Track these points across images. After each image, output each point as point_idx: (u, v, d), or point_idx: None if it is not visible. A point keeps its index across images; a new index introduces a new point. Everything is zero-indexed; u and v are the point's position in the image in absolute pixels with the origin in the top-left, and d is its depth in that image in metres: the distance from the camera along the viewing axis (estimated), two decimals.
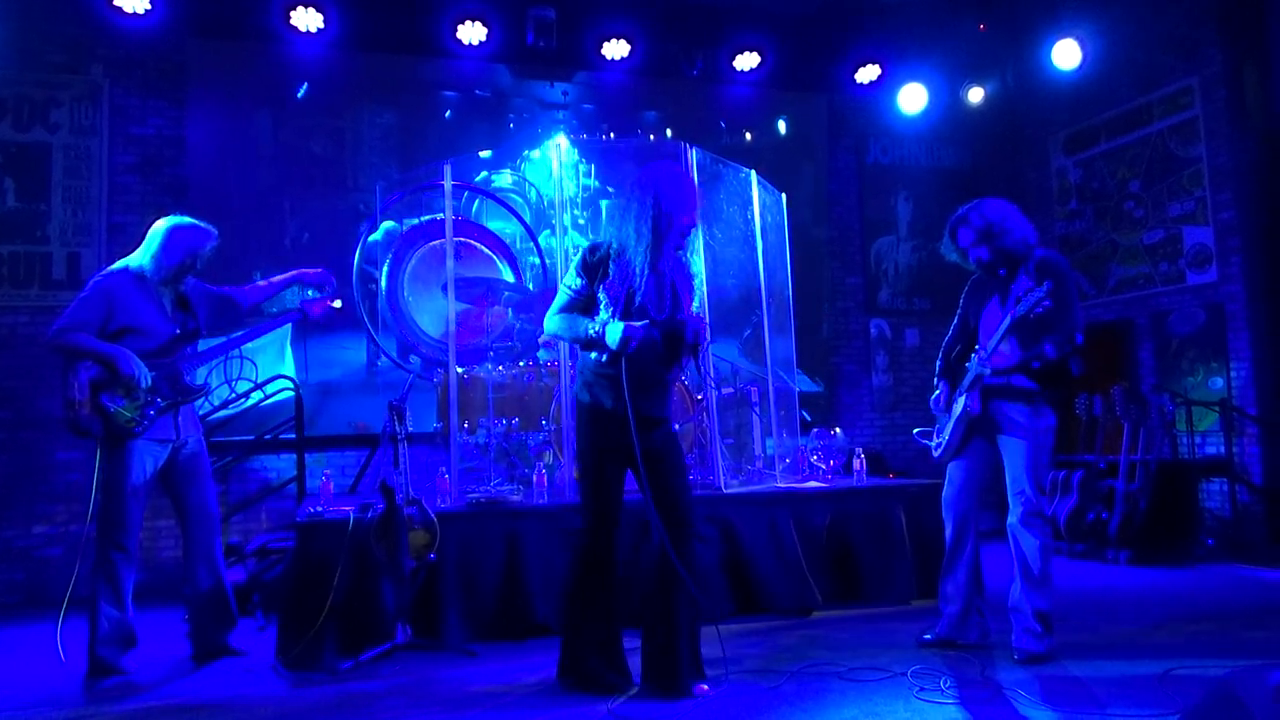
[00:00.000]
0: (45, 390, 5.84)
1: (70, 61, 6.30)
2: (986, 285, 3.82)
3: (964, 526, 3.80)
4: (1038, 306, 3.42)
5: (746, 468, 5.56)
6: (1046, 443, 3.64)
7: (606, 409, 3.23)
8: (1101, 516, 6.23)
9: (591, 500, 3.32)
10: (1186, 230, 7.25)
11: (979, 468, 3.80)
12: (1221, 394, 6.92)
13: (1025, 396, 3.64)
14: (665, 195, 3.22)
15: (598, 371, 3.26)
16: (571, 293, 3.28)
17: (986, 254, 3.70)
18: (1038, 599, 3.60)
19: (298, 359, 6.80)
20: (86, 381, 3.68)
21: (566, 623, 3.42)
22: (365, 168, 7.28)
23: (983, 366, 3.63)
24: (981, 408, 3.66)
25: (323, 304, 4.40)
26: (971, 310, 3.88)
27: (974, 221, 3.71)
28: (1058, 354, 3.51)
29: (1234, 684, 1.97)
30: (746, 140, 8.11)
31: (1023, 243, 3.67)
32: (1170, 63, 7.32)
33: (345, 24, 6.53)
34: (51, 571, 5.91)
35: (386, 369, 7.00)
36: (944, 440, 3.84)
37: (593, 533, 3.31)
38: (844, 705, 3.13)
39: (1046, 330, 3.51)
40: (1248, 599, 4.89)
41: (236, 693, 3.54)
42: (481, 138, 7.47)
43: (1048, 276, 3.49)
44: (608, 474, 3.31)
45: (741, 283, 5.97)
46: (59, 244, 6.20)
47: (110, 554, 3.76)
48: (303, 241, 7.05)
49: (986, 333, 3.72)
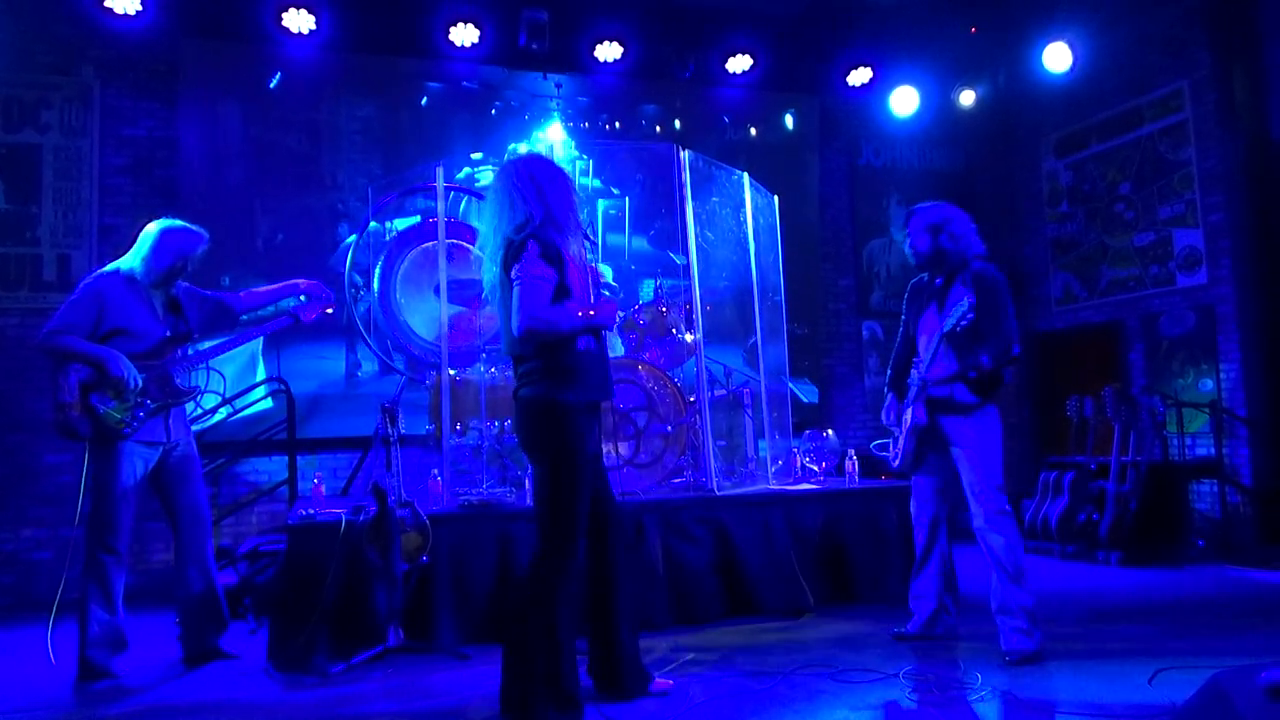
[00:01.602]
0: (34, 392, 5.81)
1: (61, 62, 6.28)
2: (923, 292, 3.92)
3: (934, 532, 3.95)
4: (963, 319, 3.53)
5: (739, 469, 5.57)
6: (995, 444, 3.73)
7: (596, 399, 3.11)
8: (1093, 518, 6.25)
9: (577, 513, 3.02)
10: (1177, 232, 7.28)
11: (940, 474, 3.91)
12: (1211, 396, 6.95)
13: (965, 410, 3.73)
14: (559, 184, 3.13)
15: (581, 361, 3.04)
16: (549, 284, 2.98)
17: (926, 244, 3.81)
18: (1021, 596, 3.65)
19: (270, 370, 6.53)
20: (76, 383, 3.67)
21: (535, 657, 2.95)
22: (344, 164, 6.96)
23: (923, 378, 3.72)
24: (929, 418, 3.74)
25: (315, 310, 4.39)
26: (911, 318, 3.97)
27: (931, 213, 3.83)
28: (994, 365, 3.62)
29: (1223, 683, 1.98)
30: (751, 135, 8.07)
31: (964, 251, 3.79)
32: (1160, 66, 7.36)
33: (337, 26, 6.50)
34: (41, 574, 5.88)
35: (368, 379, 6.73)
36: (899, 451, 3.93)
37: (574, 552, 3.00)
38: (836, 706, 3.14)
39: (980, 341, 3.61)
40: (1238, 599, 4.91)
41: (228, 696, 3.53)
42: (469, 131, 7.24)
43: (979, 290, 3.62)
44: (590, 478, 3.09)
45: (734, 284, 5.98)
46: (49, 246, 6.18)
47: (100, 556, 3.75)
48: (276, 243, 6.74)
49: (925, 341, 3.82)
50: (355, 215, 6.94)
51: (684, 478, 5.23)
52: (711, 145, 7.82)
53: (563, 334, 2.99)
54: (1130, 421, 6.31)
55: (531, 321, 2.91)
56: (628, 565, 3.24)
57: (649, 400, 5.05)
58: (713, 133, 7.97)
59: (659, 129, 7.77)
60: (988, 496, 3.69)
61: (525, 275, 2.93)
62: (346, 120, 6.95)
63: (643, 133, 7.70)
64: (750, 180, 5.73)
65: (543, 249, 2.97)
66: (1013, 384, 8.73)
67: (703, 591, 4.61)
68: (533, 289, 2.93)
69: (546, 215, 3.06)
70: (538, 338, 2.97)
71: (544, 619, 2.94)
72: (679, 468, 5.22)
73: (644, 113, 7.82)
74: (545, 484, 3.04)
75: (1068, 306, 8.29)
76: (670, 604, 4.51)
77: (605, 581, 3.23)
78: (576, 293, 3.06)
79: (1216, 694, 1.98)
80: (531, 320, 2.91)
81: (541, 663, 2.93)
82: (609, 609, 3.21)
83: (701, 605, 4.58)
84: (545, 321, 2.93)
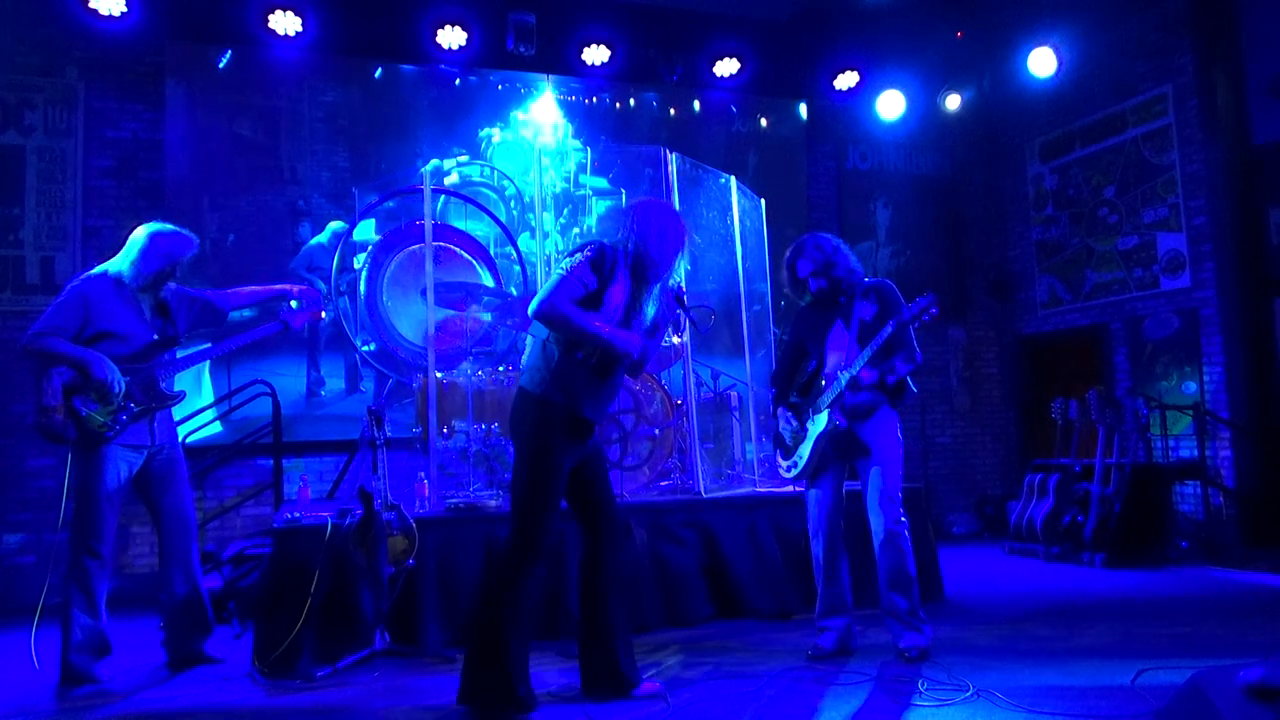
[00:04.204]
0: (17, 395, 5.78)
1: (45, 64, 6.24)
2: (824, 314, 3.98)
3: (834, 544, 3.94)
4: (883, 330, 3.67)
5: (726, 472, 5.58)
6: (901, 453, 3.89)
7: (584, 416, 3.17)
8: (1077, 519, 6.29)
9: (547, 515, 3.10)
10: (1160, 236, 7.34)
11: (837, 486, 3.95)
12: (1195, 398, 7.01)
13: (884, 414, 3.85)
14: (672, 233, 3.26)
15: (578, 373, 3.15)
16: (583, 287, 3.12)
17: (825, 283, 3.91)
18: (916, 594, 3.79)
19: (218, 389, 6.10)
20: (59, 386, 3.65)
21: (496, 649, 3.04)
22: (306, 156, 6.44)
23: (852, 375, 3.75)
24: (848, 424, 3.81)
25: (305, 316, 4.36)
26: (811, 339, 4.02)
27: (811, 254, 3.92)
28: (905, 369, 3.76)
29: (1203, 683, 1.99)
30: (762, 126, 8.09)
31: (853, 272, 3.93)
32: (1144, 71, 7.43)
33: (324, 28, 6.49)
34: (24, 579, 5.83)
35: (331, 398, 6.19)
36: (800, 459, 3.96)
37: (535, 550, 3.07)
38: (824, 709, 3.14)
39: (892, 350, 3.76)
40: (1221, 600, 4.95)
41: (212, 701, 3.51)
42: (440, 118, 6.97)
43: (881, 302, 3.81)
44: (564, 484, 3.17)
45: (722, 288, 5.99)
46: (33, 248, 6.14)
47: (84, 560, 3.72)
48: (226, 244, 6.27)
49: (837, 355, 3.88)
50: (317, 213, 6.53)
51: (671, 480, 5.24)
52: (728, 131, 7.82)
53: (571, 333, 3.12)
54: (1114, 424, 6.35)
55: (546, 306, 3.08)
56: (621, 570, 3.25)
57: (636, 403, 5.05)
58: (730, 118, 7.96)
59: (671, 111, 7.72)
60: (898, 500, 3.81)
61: (568, 270, 3.13)
62: (309, 107, 6.46)
63: (632, 135, 7.66)
64: (737, 183, 5.74)
65: (597, 258, 3.15)
66: (998, 386, 8.78)
67: (690, 593, 4.62)
68: (565, 282, 3.11)
69: (636, 244, 3.22)
70: (544, 321, 3.13)
71: (497, 614, 3.04)
72: (666, 470, 5.22)
73: (650, 92, 7.69)
74: (517, 476, 3.16)
75: (1053, 310, 8.34)
76: (658, 605, 4.52)
77: (598, 584, 3.25)
78: (607, 312, 3.16)
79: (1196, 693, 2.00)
80: (547, 305, 3.08)
81: (494, 655, 3.03)
82: (601, 611, 3.23)
83: (689, 607, 4.59)
84: (560, 313, 3.08)
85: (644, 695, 3.26)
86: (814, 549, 3.99)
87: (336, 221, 6.64)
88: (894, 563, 3.77)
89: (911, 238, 8.67)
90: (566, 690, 3.36)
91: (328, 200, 6.67)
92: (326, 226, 6.67)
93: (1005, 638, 4.13)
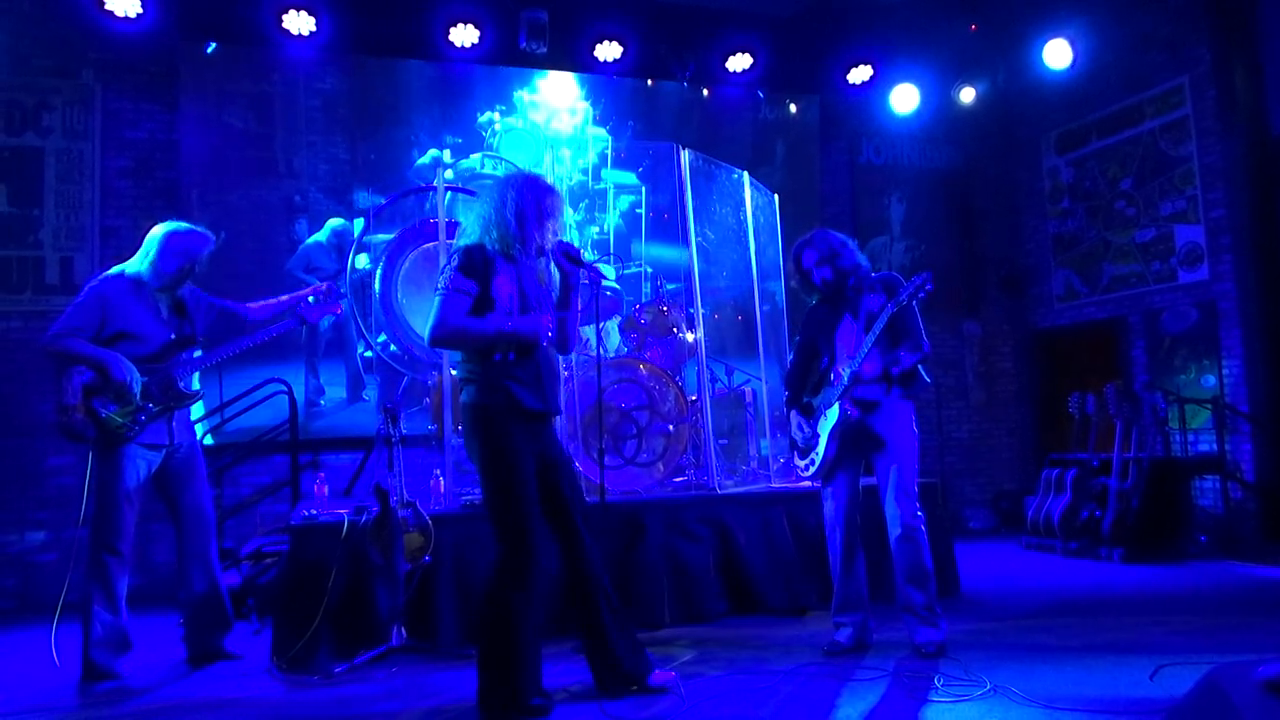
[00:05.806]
0: (38, 395, 5.83)
1: (62, 65, 6.29)
2: (832, 310, 3.97)
3: (851, 539, 3.93)
4: (883, 315, 3.66)
5: (741, 468, 5.57)
6: (917, 443, 3.88)
7: (528, 408, 3.13)
8: (1095, 514, 6.25)
9: (525, 513, 3.07)
10: (1178, 229, 7.28)
11: (854, 481, 3.93)
12: (1214, 391, 6.95)
13: (898, 406, 3.83)
14: (527, 200, 3.20)
15: (510, 371, 3.11)
16: (467, 297, 3.08)
17: (830, 273, 3.91)
18: (933, 589, 3.78)
19: (210, 400, 5.78)
20: (79, 386, 3.69)
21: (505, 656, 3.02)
22: (302, 148, 6.12)
23: (856, 369, 3.75)
24: (859, 415, 3.79)
25: (324, 311, 4.37)
26: (821, 336, 3.99)
27: (818, 244, 3.95)
28: (910, 359, 3.75)
29: (1220, 678, 1.98)
30: (791, 112, 8.06)
31: (860, 267, 3.94)
32: (1160, 62, 7.36)
33: (337, 27, 6.50)
34: (45, 577, 5.90)
35: (331, 408, 5.86)
36: (817, 457, 3.94)
37: (537, 549, 3.05)
38: (840, 704, 3.14)
39: (898, 339, 3.76)
40: (1240, 595, 4.91)
41: (231, 696, 3.54)
42: (443, 104, 6.83)
43: (888, 292, 3.78)
44: (532, 479, 3.13)
45: (734, 283, 5.98)
46: (52, 249, 6.19)
47: (103, 558, 3.77)
48: (216, 242, 6.12)
49: (846, 349, 3.87)
50: (314, 209, 6.28)
51: (686, 476, 5.24)
52: (754, 117, 7.81)
53: (475, 344, 3.09)
54: (1132, 418, 6.31)
55: (439, 329, 3.07)
56: (597, 571, 3.23)
57: (650, 399, 5.05)
58: (756, 103, 7.94)
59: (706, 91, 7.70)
60: (913, 498, 3.79)
61: (444, 287, 3.10)
62: (305, 95, 6.14)
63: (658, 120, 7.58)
64: (750, 179, 5.73)
65: (466, 263, 3.10)
66: (1014, 380, 8.74)
67: (705, 590, 4.62)
68: (447, 300, 3.08)
69: (498, 227, 3.16)
70: (445, 346, 3.14)
71: (500, 623, 3.01)
72: (681, 467, 5.23)
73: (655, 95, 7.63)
74: (484, 487, 3.15)
75: (1070, 303, 8.29)
76: (673, 602, 4.52)
77: (580, 590, 3.24)
78: (502, 305, 3.12)
79: (1213, 688, 1.98)
80: (439, 328, 3.07)
81: (505, 668, 3.00)
82: (592, 614, 3.23)
83: (704, 603, 4.59)
84: (454, 330, 3.06)
85: (656, 685, 3.27)
86: (830, 544, 3.98)
87: (336, 219, 6.58)
88: (910, 558, 3.77)
89: (926, 232, 8.62)
90: (583, 687, 3.37)
91: (325, 195, 6.47)
92: (325, 224, 6.57)
93: (1022, 633, 4.12)
